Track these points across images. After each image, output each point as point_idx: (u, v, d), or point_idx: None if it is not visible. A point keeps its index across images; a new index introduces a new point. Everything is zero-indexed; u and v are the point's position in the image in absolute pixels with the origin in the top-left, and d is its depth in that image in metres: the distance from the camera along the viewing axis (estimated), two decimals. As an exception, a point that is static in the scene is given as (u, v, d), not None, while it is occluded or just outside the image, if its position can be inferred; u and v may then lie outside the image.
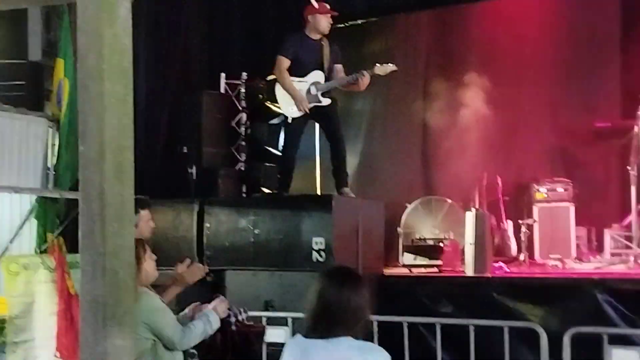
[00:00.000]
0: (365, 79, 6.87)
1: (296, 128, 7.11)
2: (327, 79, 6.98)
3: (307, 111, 6.89)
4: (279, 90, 7.01)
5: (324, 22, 6.98)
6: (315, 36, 7.01)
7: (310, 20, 6.99)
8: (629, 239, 7.38)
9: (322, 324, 2.87)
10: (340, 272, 3.04)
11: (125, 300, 2.54)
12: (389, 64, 7.03)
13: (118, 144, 2.50)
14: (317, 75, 6.94)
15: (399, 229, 8.02)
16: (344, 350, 2.82)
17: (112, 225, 2.46)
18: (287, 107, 6.98)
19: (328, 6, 7.03)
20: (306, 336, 2.93)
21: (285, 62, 6.92)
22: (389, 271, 7.25)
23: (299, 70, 6.94)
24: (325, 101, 6.95)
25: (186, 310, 4.23)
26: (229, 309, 4.29)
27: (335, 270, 3.07)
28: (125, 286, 2.52)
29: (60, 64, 6.73)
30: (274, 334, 5.15)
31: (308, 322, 2.94)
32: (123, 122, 2.52)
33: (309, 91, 6.93)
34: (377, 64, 6.98)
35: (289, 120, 7.04)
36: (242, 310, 4.48)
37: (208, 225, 6.77)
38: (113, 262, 2.46)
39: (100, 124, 2.47)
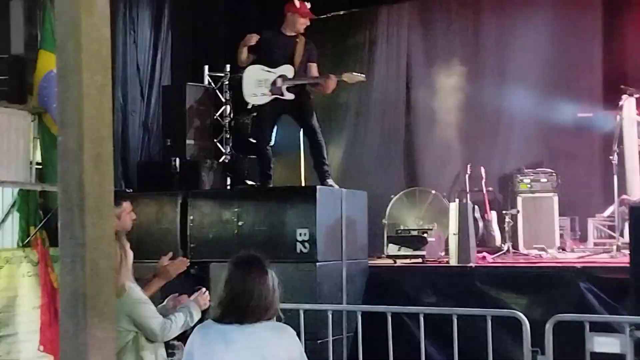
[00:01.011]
0: (330, 82, 6.86)
1: (266, 118, 7.11)
2: (296, 75, 6.96)
3: (274, 89, 6.90)
4: (245, 76, 7.06)
5: (301, 22, 7.01)
6: (290, 32, 7.02)
7: (289, 17, 7.01)
8: (612, 228, 7.44)
9: (233, 311, 3.00)
10: (246, 261, 3.11)
11: (106, 292, 2.52)
12: (359, 74, 7.05)
13: (97, 134, 2.48)
14: (285, 69, 6.94)
15: (384, 220, 8.05)
16: (260, 332, 2.98)
17: (91, 216, 2.45)
18: (249, 93, 7.02)
19: (309, 6, 7.04)
20: (219, 322, 3.03)
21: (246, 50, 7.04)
22: (373, 262, 7.27)
23: (268, 62, 6.96)
24: (289, 96, 6.90)
25: (165, 302, 4.22)
26: (209, 301, 4.30)
27: (241, 259, 3.14)
28: (106, 277, 2.50)
29: (45, 56, 6.67)
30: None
31: (219, 309, 3.04)
32: (102, 112, 2.50)
33: (274, 82, 6.93)
34: (346, 72, 6.99)
35: (249, 107, 7.07)
36: None
37: (192, 217, 6.75)
38: (93, 253, 2.45)
39: (79, 114, 2.45)
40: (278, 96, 6.89)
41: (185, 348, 3.14)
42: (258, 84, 6.96)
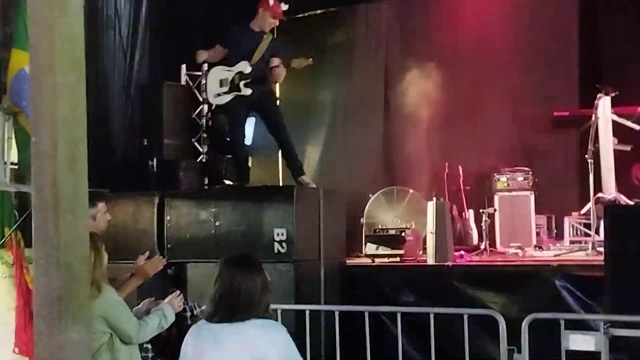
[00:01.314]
0: (278, 71, 6.92)
1: (236, 117, 7.16)
2: (254, 71, 6.97)
3: (232, 86, 6.95)
4: (209, 78, 7.21)
5: (270, 22, 7.07)
6: (258, 29, 7.07)
7: (260, 13, 7.05)
8: (588, 226, 7.50)
9: (223, 309, 3.07)
10: (234, 260, 3.21)
11: (81, 293, 2.51)
12: (307, 59, 7.02)
13: (71, 135, 2.46)
14: (242, 66, 6.99)
15: (362, 219, 8.05)
16: (249, 330, 3.03)
17: (65, 217, 2.43)
18: (212, 94, 7.19)
19: (284, 8, 7.05)
20: (211, 321, 3.10)
21: (200, 57, 7.30)
22: (351, 261, 7.27)
23: (230, 60, 7.05)
24: (246, 91, 6.95)
25: (141, 305, 4.20)
26: (184, 304, 4.29)
27: (230, 258, 3.22)
28: (80, 279, 2.49)
29: (17, 54, 6.59)
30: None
31: (210, 308, 3.12)
32: (76, 113, 2.49)
33: (233, 80, 6.98)
34: (294, 59, 7.00)
35: (212, 107, 7.19)
36: (197, 305, 4.49)
37: (169, 218, 6.72)
38: (67, 254, 2.44)
39: (53, 115, 2.44)
40: (237, 93, 6.95)
41: (181, 348, 3.18)
42: (220, 83, 7.10)
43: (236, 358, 3.00)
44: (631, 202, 7.25)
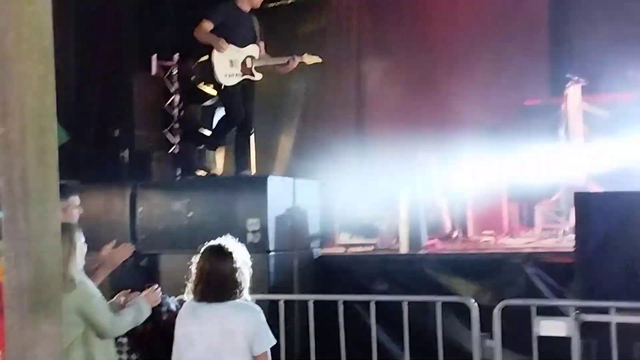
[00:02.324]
0: (294, 63, 6.92)
1: (237, 101, 6.98)
2: (260, 56, 6.95)
3: (245, 70, 6.78)
4: (215, 58, 6.82)
5: (256, 1, 6.92)
6: (246, 8, 6.93)
7: None
8: (558, 213, 7.58)
9: (201, 291, 3.52)
10: (210, 248, 3.64)
11: (52, 286, 2.48)
12: (317, 56, 7.09)
13: (40, 125, 2.43)
14: (253, 50, 6.90)
15: (335, 209, 8.04)
16: (223, 309, 3.48)
17: (35, 209, 2.40)
18: (222, 74, 6.84)
19: None
20: (195, 300, 3.57)
21: (208, 26, 6.77)
22: (325, 251, 7.28)
23: (236, 39, 6.84)
24: (258, 76, 6.91)
25: (116, 298, 4.17)
26: (161, 298, 4.27)
27: (208, 247, 3.66)
28: (52, 271, 2.46)
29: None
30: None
31: (192, 289, 3.58)
32: (45, 103, 2.45)
33: (244, 63, 6.87)
34: (306, 53, 7.01)
35: (222, 88, 6.88)
36: (174, 299, 4.47)
37: (141, 209, 6.68)
38: (37, 247, 2.40)
39: (21, 105, 2.40)
40: (248, 77, 6.84)
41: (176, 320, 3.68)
42: (230, 64, 6.84)
43: (208, 330, 3.45)
44: (601, 190, 7.34)
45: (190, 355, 3.51)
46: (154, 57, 8.52)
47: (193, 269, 3.58)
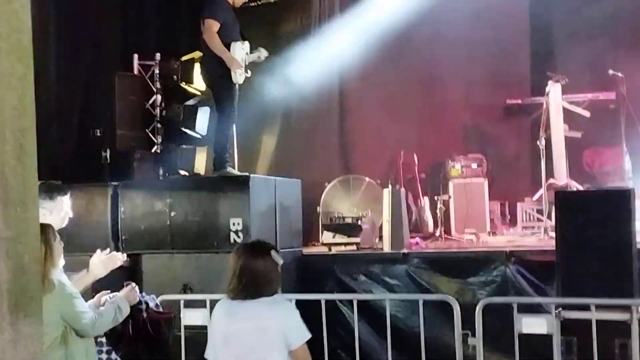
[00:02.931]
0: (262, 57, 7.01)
1: (236, 96, 6.91)
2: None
3: (244, 67, 6.77)
4: (235, 53, 6.70)
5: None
6: (234, 5, 6.93)
7: None
8: (540, 212, 7.64)
9: (237, 289, 3.53)
10: (246, 247, 3.69)
11: (32, 287, 2.47)
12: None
13: (19, 125, 2.41)
14: (246, 46, 6.87)
15: (318, 208, 8.07)
16: (258, 307, 3.50)
17: (15, 209, 2.39)
18: (238, 74, 6.71)
19: None
20: (229, 298, 3.57)
21: (216, 26, 6.64)
22: (309, 250, 7.29)
23: (236, 36, 6.78)
24: (248, 72, 6.91)
25: (95, 298, 4.15)
26: (140, 297, 4.26)
27: (243, 246, 3.73)
28: (31, 272, 2.45)
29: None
30: (192, 317, 5.11)
31: (228, 288, 3.57)
32: (24, 103, 2.44)
33: (244, 60, 6.85)
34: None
35: (233, 88, 6.78)
36: (153, 297, 4.45)
37: (123, 209, 6.64)
38: (17, 247, 2.39)
39: (0, 105, 2.39)
40: (245, 75, 6.82)
41: (211, 318, 3.74)
42: (241, 61, 6.78)
43: (244, 328, 3.48)
44: (582, 188, 7.41)
45: (226, 353, 3.53)
46: (135, 56, 8.47)
47: (230, 266, 3.59)
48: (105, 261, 4.48)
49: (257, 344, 3.47)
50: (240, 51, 6.76)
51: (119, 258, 4.58)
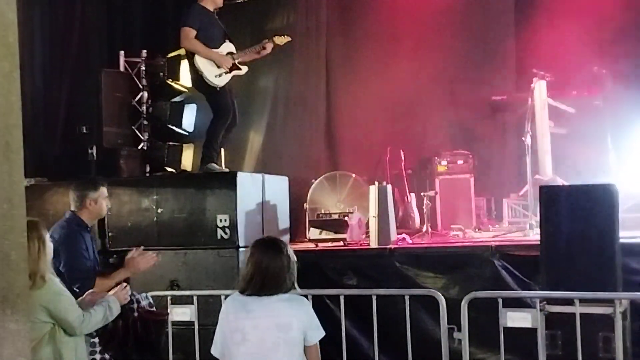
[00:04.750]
0: (268, 47, 7.07)
1: (226, 97, 6.98)
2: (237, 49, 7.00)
3: (232, 66, 6.85)
4: (200, 62, 6.81)
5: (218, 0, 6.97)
6: (210, 7, 6.98)
7: None
8: (526, 208, 7.67)
9: (253, 286, 3.54)
10: (263, 243, 3.68)
11: (19, 284, 2.48)
12: (286, 36, 7.21)
13: (5, 122, 2.42)
14: (229, 47, 6.93)
15: (305, 204, 8.08)
16: (275, 303, 3.52)
17: (1, 206, 2.40)
18: (212, 76, 6.83)
19: None
20: (242, 294, 3.57)
21: (192, 33, 6.77)
22: (295, 246, 7.29)
23: (210, 42, 6.85)
24: (244, 69, 6.97)
25: (83, 296, 4.16)
26: (130, 296, 4.28)
27: (260, 242, 3.71)
28: (18, 268, 2.46)
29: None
30: (179, 313, 5.13)
31: (242, 283, 3.59)
32: (10, 100, 2.44)
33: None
34: (276, 36, 7.14)
35: (218, 89, 6.89)
36: (144, 296, 4.47)
37: (109, 206, 6.63)
38: (4, 244, 2.40)
39: (-14, 102, 2.39)
40: (237, 72, 6.91)
41: (219, 316, 3.64)
42: (215, 65, 6.84)
43: (263, 325, 3.48)
44: (566, 183, 7.45)
45: (243, 350, 3.50)
46: (122, 53, 8.46)
47: (247, 263, 3.58)
48: (141, 259, 4.68)
49: (277, 340, 3.48)
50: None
51: (153, 257, 4.81)
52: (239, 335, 3.51)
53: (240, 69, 6.94)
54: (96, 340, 4.38)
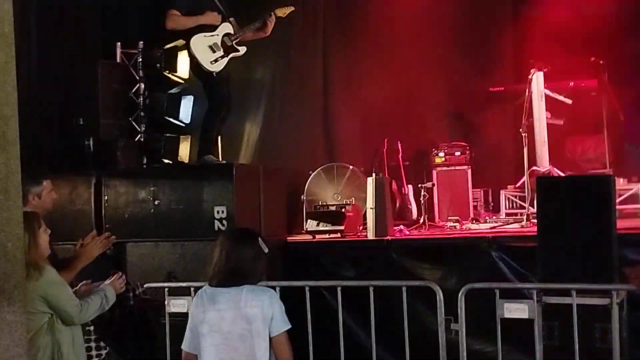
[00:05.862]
0: (271, 22, 7.01)
1: (224, 85, 6.95)
2: (235, 29, 6.96)
3: (229, 47, 6.80)
4: (195, 48, 6.79)
5: None
6: None
7: None
8: (523, 199, 7.69)
9: (218, 275, 3.54)
10: (230, 234, 3.75)
11: (16, 275, 2.48)
12: (289, 7, 7.17)
13: (1, 113, 2.42)
14: (226, 27, 6.89)
15: (302, 196, 8.08)
16: (241, 294, 3.51)
17: (-3, 197, 2.39)
18: (207, 62, 6.80)
19: None
20: (210, 285, 3.58)
21: (177, 14, 6.80)
22: (293, 238, 7.30)
23: (204, 26, 6.82)
24: (242, 49, 6.92)
25: (78, 287, 4.16)
26: (126, 284, 4.28)
27: (227, 232, 3.81)
28: (15, 260, 2.46)
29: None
30: (177, 304, 5.11)
31: (210, 274, 3.59)
32: (6, 90, 2.44)
33: (224, 42, 6.86)
34: (277, 8, 7.10)
35: (215, 75, 6.84)
36: (139, 284, 4.48)
37: (106, 197, 6.64)
38: (0, 235, 2.40)
39: (-18, 93, 2.38)
40: (235, 53, 6.86)
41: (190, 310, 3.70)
42: (211, 50, 6.82)
43: (229, 317, 3.49)
44: (563, 174, 7.47)
45: (211, 342, 3.51)
46: (118, 44, 8.42)
47: (214, 253, 3.58)
48: (93, 244, 4.56)
49: (243, 331, 3.48)
50: (209, 39, 6.78)
51: (109, 239, 4.66)
52: (206, 327, 3.53)
53: (238, 50, 6.89)
54: (91, 328, 4.39)
